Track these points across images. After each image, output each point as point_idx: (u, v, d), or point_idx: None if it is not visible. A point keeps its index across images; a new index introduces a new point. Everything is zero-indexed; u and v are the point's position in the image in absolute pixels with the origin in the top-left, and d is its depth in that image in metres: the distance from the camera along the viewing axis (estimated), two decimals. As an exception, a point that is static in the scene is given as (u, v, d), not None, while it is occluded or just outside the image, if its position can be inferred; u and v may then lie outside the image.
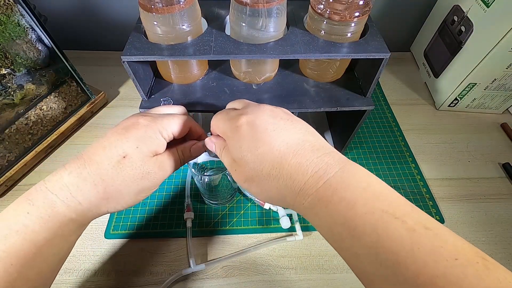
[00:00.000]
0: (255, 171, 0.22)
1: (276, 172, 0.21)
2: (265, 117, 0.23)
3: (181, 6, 0.29)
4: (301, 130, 0.23)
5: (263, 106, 0.25)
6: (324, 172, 0.20)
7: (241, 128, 0.23)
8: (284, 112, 0.25)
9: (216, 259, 0.37)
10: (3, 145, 0.41)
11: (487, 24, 0.44)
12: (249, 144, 0.22)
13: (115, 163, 0.24)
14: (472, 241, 0.40)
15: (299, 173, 0.21)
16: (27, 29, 0.39)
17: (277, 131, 0.23)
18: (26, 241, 0.21)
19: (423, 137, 0.51)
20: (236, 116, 0.24)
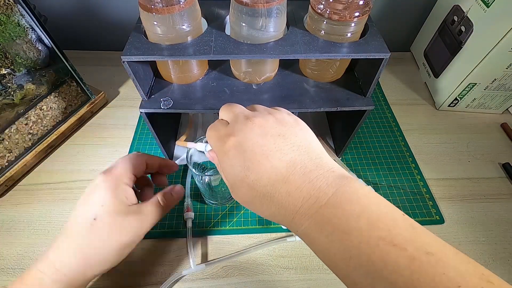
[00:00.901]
0: (249, 197, 0.22)
1: (268, 201, 0.21)
2: (254, 137, 0.21)
3: (181, 6, 0.29)
4: (294, 146, 0.21)
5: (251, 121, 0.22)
6: (315, 200, 0.19)
7: (229, 153, 0.22)
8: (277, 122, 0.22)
9: (216, 259, 0.37)
10: (3, 145, 0.41)
11: (487, 24, 0.44)
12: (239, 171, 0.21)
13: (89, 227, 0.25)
14: (472, 241, 0.40)
15: (290, 203, 0.20)
16: (27, 29, 0.39)
17: (266, 155, 0.21)
18: None
19: (423, 137, 0.51)
20: (224, 137, 0.22)
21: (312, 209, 0.19)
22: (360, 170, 0.46)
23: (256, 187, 0.21)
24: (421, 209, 0.42)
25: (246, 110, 0.24)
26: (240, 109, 0.24)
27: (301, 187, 0.20)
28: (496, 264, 0.38)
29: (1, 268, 0.36)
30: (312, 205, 0.19)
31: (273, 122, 0.22)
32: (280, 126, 0.22)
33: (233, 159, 0.21)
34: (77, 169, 0.46)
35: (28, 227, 0.40)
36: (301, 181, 0.20)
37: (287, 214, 0.20)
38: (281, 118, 0.23)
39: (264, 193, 0.21)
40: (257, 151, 0.21)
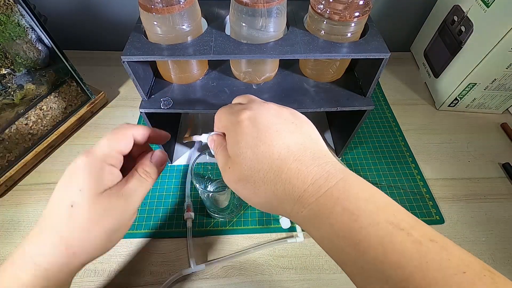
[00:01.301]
0: (252, 170, 0.21)
1: (274, 176, 0.20)
2: (269, 116, 0.22)
3: (181, 6, 0.29)
4: (305, 135, 0.22)
5: (268, 104, 0.24)
6: (325, 181, 0.19)
7: (242, 123, 0.22)
8: (290, 113, 0.24)
9: (216, 259, 0.37)
10: (3, 145, 0.41)
11: (487, 24, 0.44)
12: (249, 140, 0.21)
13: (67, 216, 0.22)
14: (472, 241, 0.40)
15: (298, 179, 0.20)
16: (27, 29, 0.39)
17: (280, 132, 0.21)
18: None
19: (423, 137, 0.51)
20: (239, 111, 0.23)
21: (321, 189, 0.19)
22: (360, 170, 0.46)
23: (264, 159, 0.21)
24: (421, 209, 0.42)
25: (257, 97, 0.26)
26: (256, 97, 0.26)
27: (311, 167, 0.20)
28: (496, 264, 0.38)
29: (1, 268, 0.36)
30: (321, 185, 0.19)
31: (288, 112, 0.24)
32: (293, 117, 0.23)
33: (245, 128, 0.22)
34: (77, 169, 0.46)
35: (28, 227, 0.40)
36: (311, 162, 0.20)
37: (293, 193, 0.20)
38: (294, 111, 0.24)
39: (271, 167, 0.20)
40: (272, 127, 0.21)
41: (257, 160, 0.21)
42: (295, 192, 0.20)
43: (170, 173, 0.45)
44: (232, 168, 0.22)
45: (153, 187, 0.43)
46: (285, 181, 0.20)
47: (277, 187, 0.20)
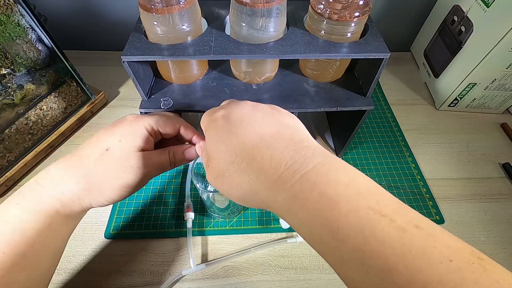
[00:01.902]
0: (226, 164, 0.21)
1: (247, 165, 0.20)
2: (242, 111, 0.23)
3: (181, 6, 0.29)
4: (282, 123, 0.22)
5: (244, 102, 0.24)
6: (300, 165, 0.18)
7: (217, 120, 0.23)
8: (269, 106, 0.24)
9: (216, 259, 0.37)
10: (3, 145, 0.41)
11: (487, 24, 0.44)
12: (222, 135, 0.22)
13: (98, 156, 0.24)
14: (472, 241, 0.40)
15: (271, 166, 0.19)
16: (27, 29, 0.39)
17: (253, 123, 0.21)
18: (16, 231, 0.22)
19: (423, 137, 0.51)
20: (216, 111, 0.24)
21: (296, 174, 0.18)
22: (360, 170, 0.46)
23: (237, 150, 0.20)
24: (421, 209, 0.42)
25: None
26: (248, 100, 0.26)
27: (284, 152, 0.19)
28: (496, 264, 0.38)
29: (1, 268, 0.36)
30: (296, 170, 0.18)
31: (266, 106, 0.24)
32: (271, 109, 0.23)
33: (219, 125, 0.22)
34: (77, 169, 0.46)
35: (28, 227, 0.40)
36: (285, 148, 0.19)
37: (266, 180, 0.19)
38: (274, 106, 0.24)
39: (243, 157, 0.20)
40: (244, 119, 0.22)
41: (230, 152, 0.21)
42: (268, 180, 0.19)
43: (170, 173, 0.45)
44: (210, 166, 0.23)
45: (153, 187, 0.43)
46: (257, 169, 0.19)
47: (250, 177, 0.20)
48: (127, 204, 0.42)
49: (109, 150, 0.25)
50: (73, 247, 0.38)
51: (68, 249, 0.38)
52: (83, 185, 0.24)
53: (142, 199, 0.42)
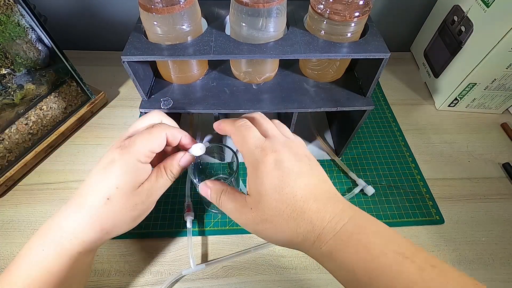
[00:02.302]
0: (276, 211, 0.22)
1: (297, 216, 0.22)
2: (291, 158, 0.24)
3: (181, 6, 0.29)
4: (318, 176, 0.24)
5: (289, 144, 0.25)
6: (340, 218, 0.22)
7: (268, 165, 0.23)
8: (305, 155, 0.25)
9: (216, 259, 0.37)
10: (3, 145, 0.41)
11: (487, 24, 0.44)
12: (275, 183, 0.23)
13: (103, 205, 0.25)
14: (472, 241, 0.40)
15: (318, 218, 0.22)
16: (27, 29, 0.39)
17: (300, 174, 0.23)
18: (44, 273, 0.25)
19: (423, 137, 0.51)
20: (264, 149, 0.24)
21: (337, 225, 0.21)
22: (360, 170, 0.46)
23: (288, 201, 0.22)
24: (421, 209, 0.42)
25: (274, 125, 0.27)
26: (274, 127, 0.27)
27: (327, 206, 0.22)
28: (496, 264, 0.38)
29: (1, 268, 0.36)
30: (337, 222, 0.22)
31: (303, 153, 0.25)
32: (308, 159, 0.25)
33: (271, 171, 0.23)
34: (77, 169, 0.46)
35: (28, 227, 0.40)
36: (326, 201, 0.23)
37: (314, 231, 0.22)
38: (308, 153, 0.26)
39: (295, 208, 0.22)
40: (294, 169, 0.23)
41: (282, 201, 0.22)
42: (316, 231, 0.22)
43: (170, 173, 0.45)
44: (255, 209, 0.23)
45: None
46: (307, 221, 0.22)
47: (299, 227, 0.22)
48: (127, 204, 0.42)
49: (110, 199, 0.25)
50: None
51: (68, 249, 0.38)
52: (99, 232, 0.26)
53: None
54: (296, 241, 0.23)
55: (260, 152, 0.24)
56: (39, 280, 0.24)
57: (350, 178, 0.45)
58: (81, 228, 0.26)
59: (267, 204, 0.23)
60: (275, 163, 0.23)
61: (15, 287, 0.24)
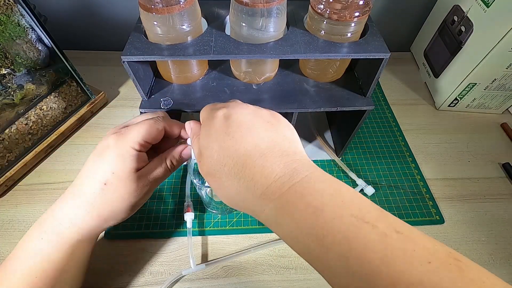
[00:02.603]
0: (218, 165, 0.21)
1: (238, 171, 0.20)
2: (244, 114, 0.23)
3: (181, 6, 0.29)
4: (278, 133, 0.22)
5: (247, 105, 0.24)
6: (289, 178, 0.19)
7: (216, 119, 0.23)
8: (269, 113, 0.24)
9: (216, 259, 0.37)
10: (3, 145, 0.41)
11: (487, 24, 0.44)
12: (218, 135, 0.22)
13: (100, 191, 0.25)
14: (472, 241, 0.40)
15: (262, 176, 0.19)
16: (27, 29, 0.39)
17: (251, 129, 0.21)
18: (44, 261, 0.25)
19: (423, 137, 0.51)
20: (218, 108, 0.24)
21: (285, 185, 0.19)
22: (360, 170, 0.46)
23: (230, 154, 0.21)
24: (421, 209, 0.42)
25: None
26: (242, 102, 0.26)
27: (276, 164, 0.20)
28: (496, 264, 0.38)
29: (1, 268, 0.36)
30: (285, 182, 0.19)
31: (267, 113, 0.24)
32: (271, 117, 0.23)
33: (217, 123, 0.22)
34: (77, 169, 0.45)
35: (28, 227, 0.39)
36: (277, 160, 0.20)
37: (256, 189, 0.19)
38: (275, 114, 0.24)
39: (236, 162, 0.20)
40: (243, 124, 0.22)
41: (223, 154, 0.21)
42: (257, 189, 0.20)
43: (170, 173, 0.45)
44: (202, 162, 0.23)
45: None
46: (247, 178, 0.20)
47: (240, 183, 0.20)
48: (127, 204, 0.42)
49: (107, 184, 0.25)
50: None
51: (68, 249, 0.38)
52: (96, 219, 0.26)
53: (142, 199, 0.42)
54: (238, 200, 0.21)
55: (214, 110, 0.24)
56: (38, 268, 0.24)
57: (350, 178, 0.45)
58: (79, 215, 0.26)
59: (210, 157, 0.21)
60: (224, 116, 0.22)
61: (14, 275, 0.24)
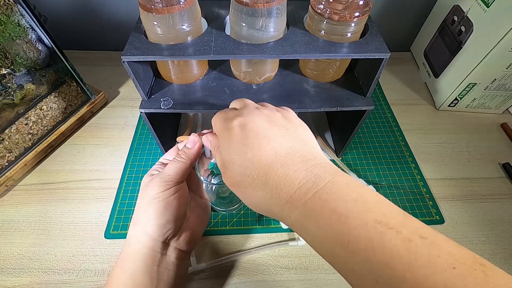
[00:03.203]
0: (241, 176, 0.22)
1: (262, 181, 0.21)
2: (259, 121, 0.23)
3: (181, 6, 0.29)
4: (295, 138, 0.23)
5: (260, 110, 0.24)
6: (312, 184, 0.19)
7: (233, 130, 0.23)
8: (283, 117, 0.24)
9: (217, 259, 0.37)
10: (3, 145, 0.41)
11: (487, 24, 0.44)
12: (238, 147, 0.22)
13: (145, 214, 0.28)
14: (472, 241, 0.40)
15: (286, 184, 0.20)
16: (27, 29, 0.39)
17: (268, 137, 0.22)
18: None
19: (423, 137, 0.51)
20: (231, 117, 0.24)
21: (309, 192, 0.19)
22: (360, 170, 0.46)
23: (252, 165, 0.21)
24: (421, 209, 0.42)
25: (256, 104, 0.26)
26: (251, 101, 0.26)
27: (298, 171, 0.20)
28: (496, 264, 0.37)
29: (1, 268, 0.36)
30: (309, 189, 0.19)
31: (280, 117, 0.24)
32: (285, 121, 0.24)
33: (235, 135, 0.22)
34: (77, 169, 0.46)
35: (28, 227, 0.40)
36: (298, 166, 0.20)
37: (280, 197, 0.20)
38: (288, 115, 0.25)
39: (259, 173, 0.21)
40: (261, 132, 0.22)
41: (245, 166, 0.21)
42: (282, 197, 0.20)
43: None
44: (226, 174, 0.23)
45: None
46: (272, 187, 0.20)
47: (265, 192, 0.21)
48: (127, 204, 0.42)
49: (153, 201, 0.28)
50: (73, 247, 0.38)
51: (68, 249, 0.38)
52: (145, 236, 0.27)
53: (142, 199, 0.42)
54: (265, 208, 0.21)
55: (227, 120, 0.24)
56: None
57: (350, 178, 0.45)
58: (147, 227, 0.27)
59: (233, 170, 0.22)
60: (239, 127, 0.22)
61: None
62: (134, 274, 0.26)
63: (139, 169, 0.46)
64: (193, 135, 0.31)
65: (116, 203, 0.42)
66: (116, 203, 0.42)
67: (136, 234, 0.28)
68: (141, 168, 0.46)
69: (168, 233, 0.28)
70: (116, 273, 0.27)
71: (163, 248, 0.28)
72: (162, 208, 0.27)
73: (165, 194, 0.28)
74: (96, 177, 0.45)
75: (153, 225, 0.27)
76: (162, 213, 0.28)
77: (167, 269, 0.28)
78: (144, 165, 0.46)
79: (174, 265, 0.29)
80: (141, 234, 0.28)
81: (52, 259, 0.37)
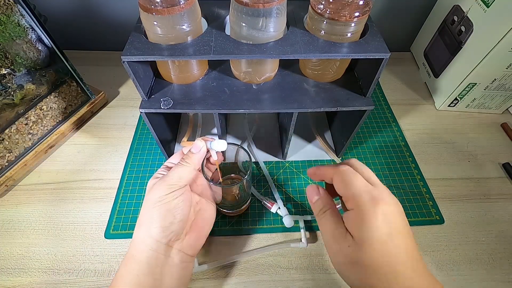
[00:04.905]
0: (375, 264, 0.22)
1: (392, 278, 0.22)
2: (396, 214, 0.24)
3: (181, 6, 0.29)
4: (413, 240, 0.24)
5: (393, 196, 0.25)
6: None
7: (377, 215, 0.23)
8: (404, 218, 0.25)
9: (217, 259, 0.37)
10: (3, 145, 0.41)
11: (487, 24, 0.44)
12: (383, 236, 0.22)
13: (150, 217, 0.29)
14: (472, 241, 0.40)
15: (414, 283, 0.21)
16: (27, 29, 0.39)
17: (405, 236, 0.23)
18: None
19: (423, 137, 0.51)
20: (376, 198, 0.24)
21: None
22: (360, 170, 0.46)
23: (390, 259, 0.22)
24: (421, 209, 0.42)
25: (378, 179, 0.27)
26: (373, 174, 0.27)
27: (421, 279, 0.22)
28: (496, 264, 0.37)
29: (1, 268, 0.36)
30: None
31: (403, 212, 0.25)
32: (406, 222, 0.25)
33: (381, 225, 0.23)
34: (77, 169, 0.46)
35: (28, 227, 0.40)
36: (421, 272, 0.22)
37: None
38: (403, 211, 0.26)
39: (394, 270, 0.22)
40: (399, 228, 0.23)
41: (382, 257, 0.22)
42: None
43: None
44: (353, 249, 0.23)
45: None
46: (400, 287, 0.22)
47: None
48: (127, 204, 0.42)
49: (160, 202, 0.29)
50: (73, 247, 0.38)
51: (68, 249, 0.38)
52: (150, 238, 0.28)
53: (142, 199, 0.42)
54: None
55: (370, 200, 0.24)
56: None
57: (350, 178, 0.45)
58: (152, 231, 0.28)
59: (368, 252, 0.22)
60: (383, 216, 0.23)
61: None
62: (138, 275, 0.27)
63: (139, 169, 0.46)
64: (198, 140, 0.32)
65: (116, 203, 0.42)
66: (116, 203, 0.42)
67: (141, 235, 0.29)
68: (141, 168, 0.46)
69: (171, 235, 0.29)
70: (121, 273, 0.28)
71: (167, 250, 0.29)
72: (165, 211, 0.28)
73: (168, 197, 0.29)
74: (96, 177, 0.45)
75: (156, 227, 0.28)
76: (166, 216, 0.28)
77: (171, 271, 0.28)
78: (144, 165, 0.46)
79: (177, 268, 0.29)
80: (145, 236, 0.28)
81: (52, 259, 0.37)
